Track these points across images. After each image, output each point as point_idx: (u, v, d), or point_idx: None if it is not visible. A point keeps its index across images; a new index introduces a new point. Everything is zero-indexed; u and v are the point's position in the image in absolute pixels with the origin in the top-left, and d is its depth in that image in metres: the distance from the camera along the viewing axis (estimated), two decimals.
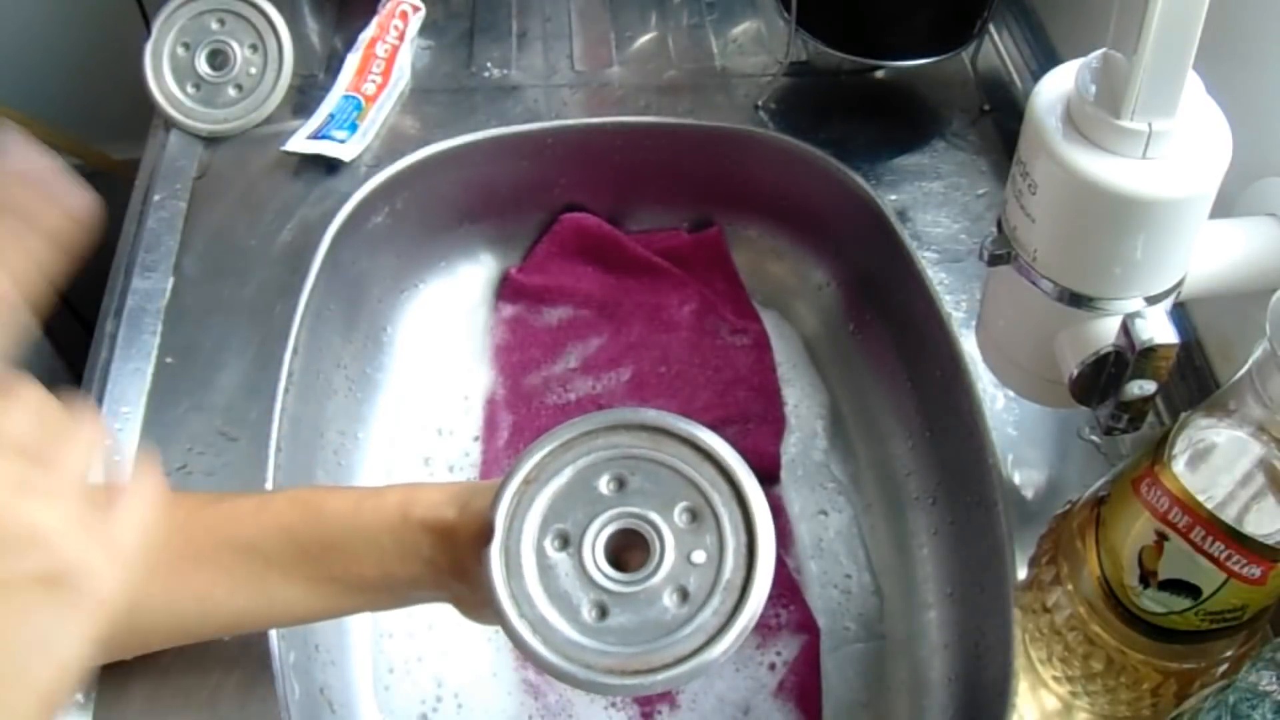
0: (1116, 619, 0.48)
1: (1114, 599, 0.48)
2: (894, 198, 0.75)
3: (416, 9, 0.84)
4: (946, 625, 0.64)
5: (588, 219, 0.82)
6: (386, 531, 0.44)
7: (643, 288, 0.82)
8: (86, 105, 1.07)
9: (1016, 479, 0.62)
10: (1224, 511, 0.44)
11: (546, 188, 0.81)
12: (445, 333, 0.81)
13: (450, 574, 0.44)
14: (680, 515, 0.39)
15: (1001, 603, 0.57)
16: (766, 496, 0.40)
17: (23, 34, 1.04)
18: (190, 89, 0.78)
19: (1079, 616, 0.50)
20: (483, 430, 0.76)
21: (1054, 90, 0.48)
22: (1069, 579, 0.50)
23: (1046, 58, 0.82)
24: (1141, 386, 0.48)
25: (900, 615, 0.67)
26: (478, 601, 0.45)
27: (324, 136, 0.76)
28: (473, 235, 0.82)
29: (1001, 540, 0.58)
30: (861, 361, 0.77)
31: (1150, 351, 0.46)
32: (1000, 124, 0.80)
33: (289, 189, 0.75)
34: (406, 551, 0.44)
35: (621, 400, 0.77)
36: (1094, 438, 0.64)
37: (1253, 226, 0.55)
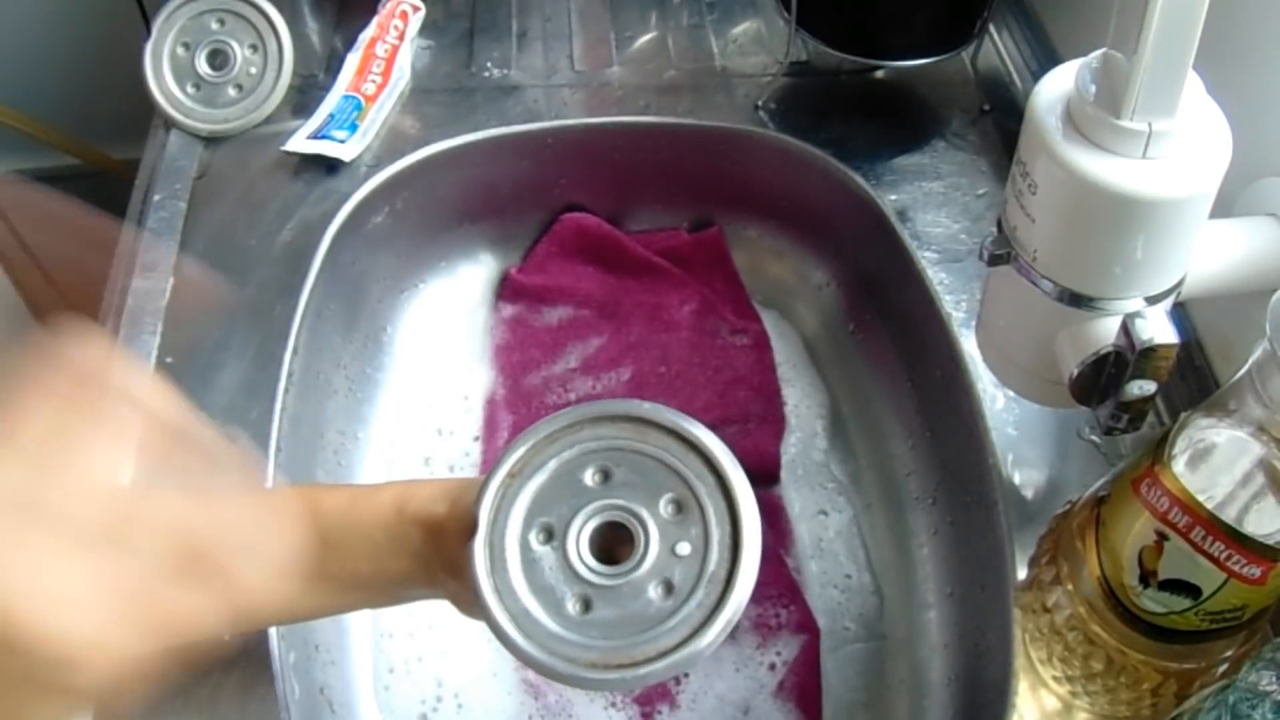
0: (1116, 619, 0.48)
1: (1114, 599, 0.48)
2: (894, 198, 0.75)
3: (416, 9, 0.84)
4: (946, 625, 0.64)
5: (588, 219, 0.82)
6: (381, 528, 0.44)
7: (643, 288, 0.82)
8: (86, 105, 1.07)
9: (1016, 479, 0.62)
10: (1224, 511, 0.44)
11: (546, 188, 0.81)
12: (445, 333, 0.81)
13: (443, 570, 0.44)
14: (665, 507, 0.38)
15: (1001, 603, 0.57)
16: (767, 496, 0.39)
17: (23, 34, 1.04)
18: (190, 89, 0.78)
19: (1079, 616, 0.50)
20: (483, 430, 0.76)
21: (1054, 90, 0.48)
22: (1069, 579, 0.50)
23: (1046, 58, 0.82)
24: (1141, 386, 0.48)
25: (900, 615, 0.67)
26: (471, 598, 0.45)
27: (324, 136, 0.76)
28: (473, 235, 0.82)
29: (1001, 540, 0.58)
30: (861, 361, 0.77)
31: (1150, 351, 0.46)
32: (1000, 124, 0.80)
33: (289, 189, 0.75)
34: (399, 547, 0.44)
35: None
36: (1094, 438, 0.64)
37: (1253, 226, 0.55)
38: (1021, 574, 0.57)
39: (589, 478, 0.39)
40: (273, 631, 0.54)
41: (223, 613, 0.33)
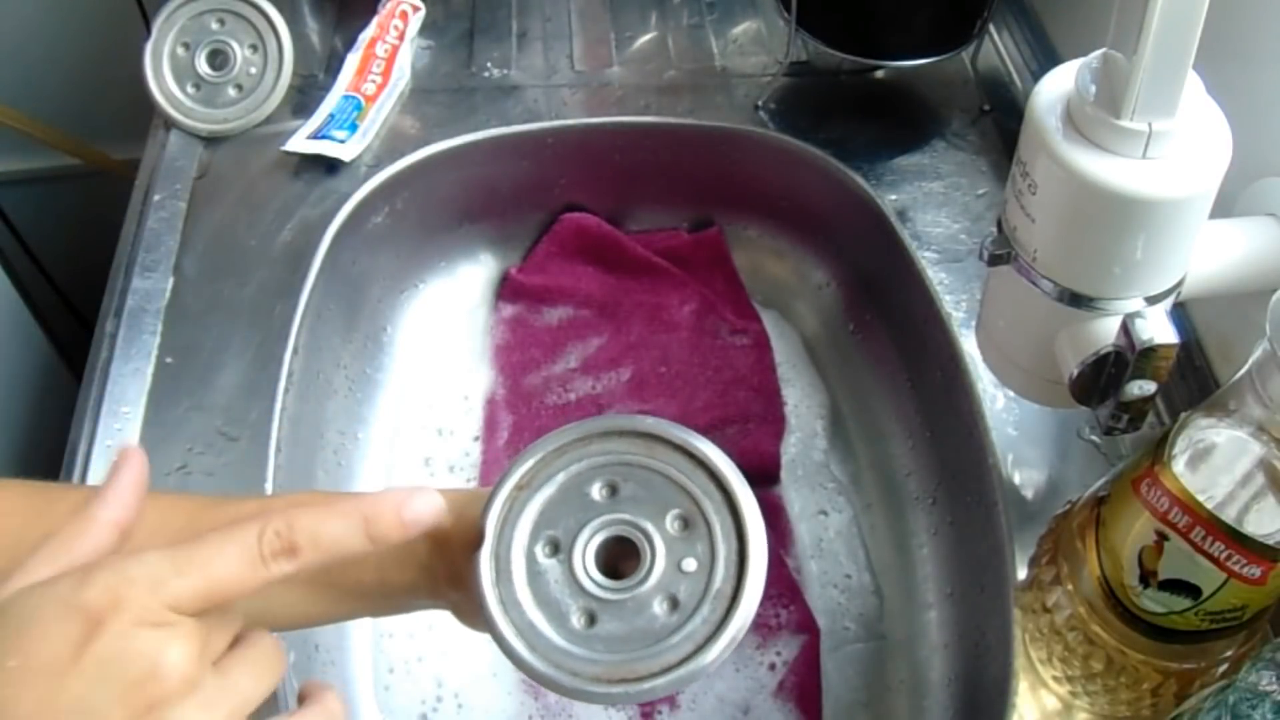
0: (1116, 619, 0.48)
1: (1114, 599, 0.48)
2: (894, 198, 0.75)
3: (416, 9, 0.84)
4: (946, 625, 0.64)
5: (588, 219, 0.82)
6: None
7: (643, 288, 0.82)
8: (86, 105, 1.07)
9: (1016, 479, 0.62)
10: (1224, 511, 0.44)
11: (546, 188, 0.81)
12: (445, 333, 0.81)
13: (446, 581, 0.44)
14: (672, 523, 0.38)
15: (1001, 603, 0.57)
16: (767, 496, 0.39)
17: (23, 34, 1.04)
18: (190, 89, 0.78)
19: (1079, 616, 0.50)
20: (483, 430, 0.76)
21: (1054, 90, 0.48)
22: (1069, 579, 0.50)
23: (1046, 58, 0.82)
24: (1141, 386, 0.48)
25: (900, 615, 0.67)
26: (475, 609, 0.45)
27: (324, 136, 0.76)
28: (473, 235, 0.82)
29: (1001, 540, 0.58)
30: (861, 361, 0.77)
31: (1150, 351, 0.46)
32: (1000, 124, 0.80)
33: (289, 189, 0.75)
34: (404, 558, 0.44)
35: (621, 400, 0.77)
36: (1094, 438, 0.64)
37: (1253, 226, 0.55)
38: (1021, 574, 0.57)
39: (596, 492, 0.39)
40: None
41: None
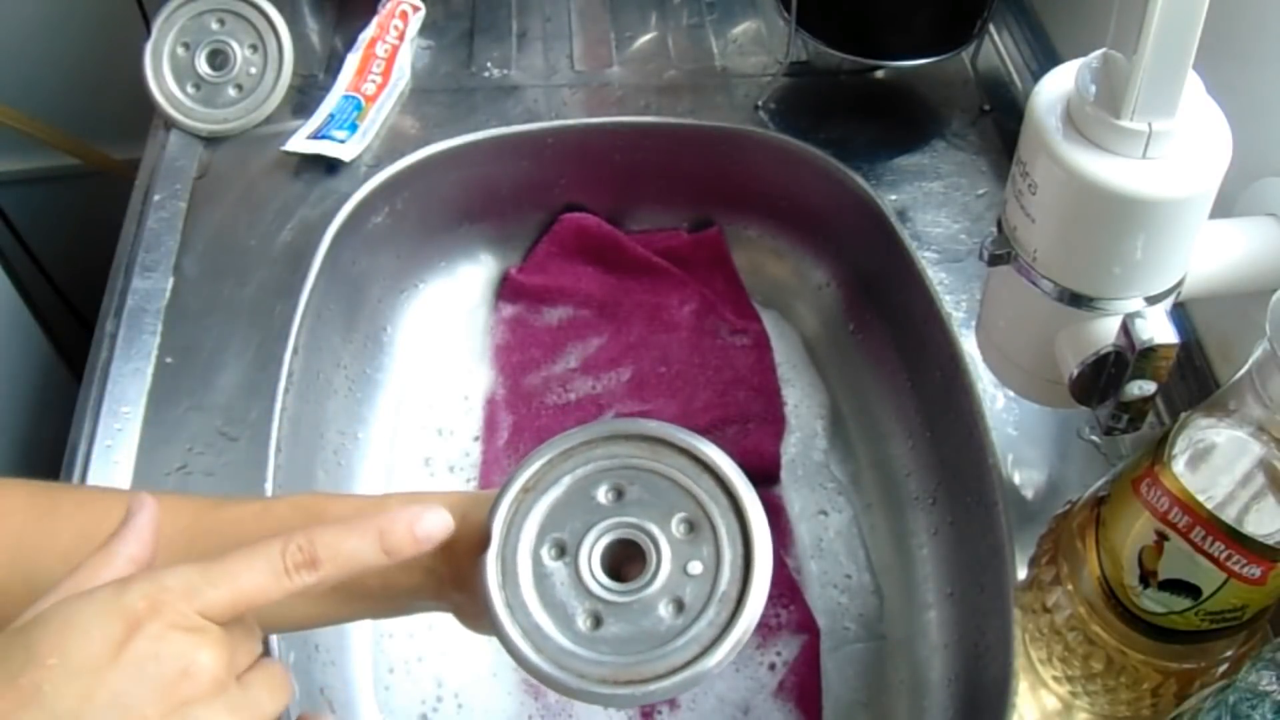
0: (1116, 619, 0.48)
1: (1114, 599, 0.48)
2: (894, 198, 0.75)
3: (416, 9, 0.84)
4: (946, 625, 0.64)
5: (588, 219, 0.82)
6: None
7: (643, 288, 0.82)
8: (86, 105, 1.07)
9: (1016, 479, 0.62)
10: (1224, 511, 0.44)
11: (546, 188, 0.81)
12: (445, 333, 0.81)
13: (450, 584, 0.44)
14: (678, 526, 0.39)
15: (1001, 603, 0.57)
16: (767, 496, 0.40)
17: (23, 34, 1.04)
18: (190, 89, 0.78)
19: (1079, 616, 0.50)
20: (483, 430, 0.76)
21: (1054, 90, 0.48)
22: (1069, 579, 0.50)
23: (1046, 58, 0.82)
24: (1141, 386, 0.48)
25: (900, 615, 0.67)
26: (477, 611, 0.45)
27: (324, 136, 0.76)
28: (473, 235, 0.82)
29: (1001, 540, 0.58)
30: (861, 361, 0.77)
31: (1150, 351, 0.46)
32: (1000, 124, 0.80)
33: (289, 189, 0.75)
34: (408, 561, 0.44)
35: (621, 400, 0.77)
36: (1094, 438, 0.64)
37: (1253, 226, 0.55)
38: (1021, 574, 0.57)
39: (602, 495, 0.40)
40: None
41: None
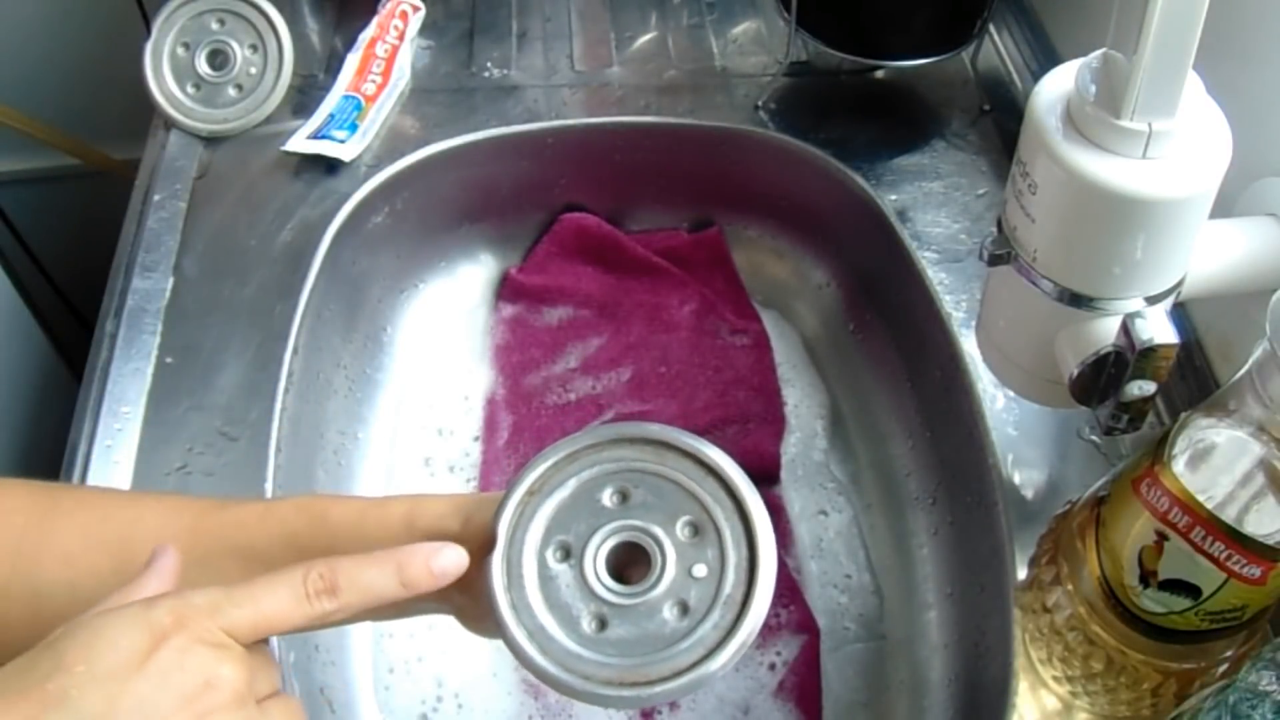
0: (1116, 619, 0.48)
1: (1114, 599, 0.48)
2: (894, 198, 0.75)
3: (416, 9, 0.84)
4: (946, 625, 0.64)
5: (588, 219, 0.82)
6: (390, 542, 0.44)
7: (643, 288, 0.82)
8: (86, 105, 1.07)
9: (1016, 479, 0.62)
10: (1224, 511, 0.44)
11: (546, 188, 0.81)
12: (445, 333, 0.81)
13: (453, 586, 0.44)
14: (682, 529, 0.39)
15: (1001, 603, 0.57)
16: (766, 496, 0.40)
17: (23, 34, 1.04)
18: (190, 89, 0.78)
19: (1079, 616, 0.50)
20: (483, 430, 0.76)
21: (1054, 90, 0.48)
22: (1069, 579, 0.50)
23: (1046, 58, 0.82)
24: (1141, 386, 0.48)
25: (900, 615, 0.67)
26: (479, 613, 0.45)
27: (324, 136, 0.76)
28: (473, 235, 0.82)
29: (1001, 540, 0.58)
30: (861, 361, 0.77)
31: (1150, 351, 0.46)
32: (1000, 124, 0.80)
33: (289, 189, 0.75)
34: None
35: (621, 400, 0.77)
36: (1094, 438, 0.64)
37: (1253, 226, 0.55)
38: (1021, 574, 0.57)
39: (607, 498, 0.40)
40: None
41: None
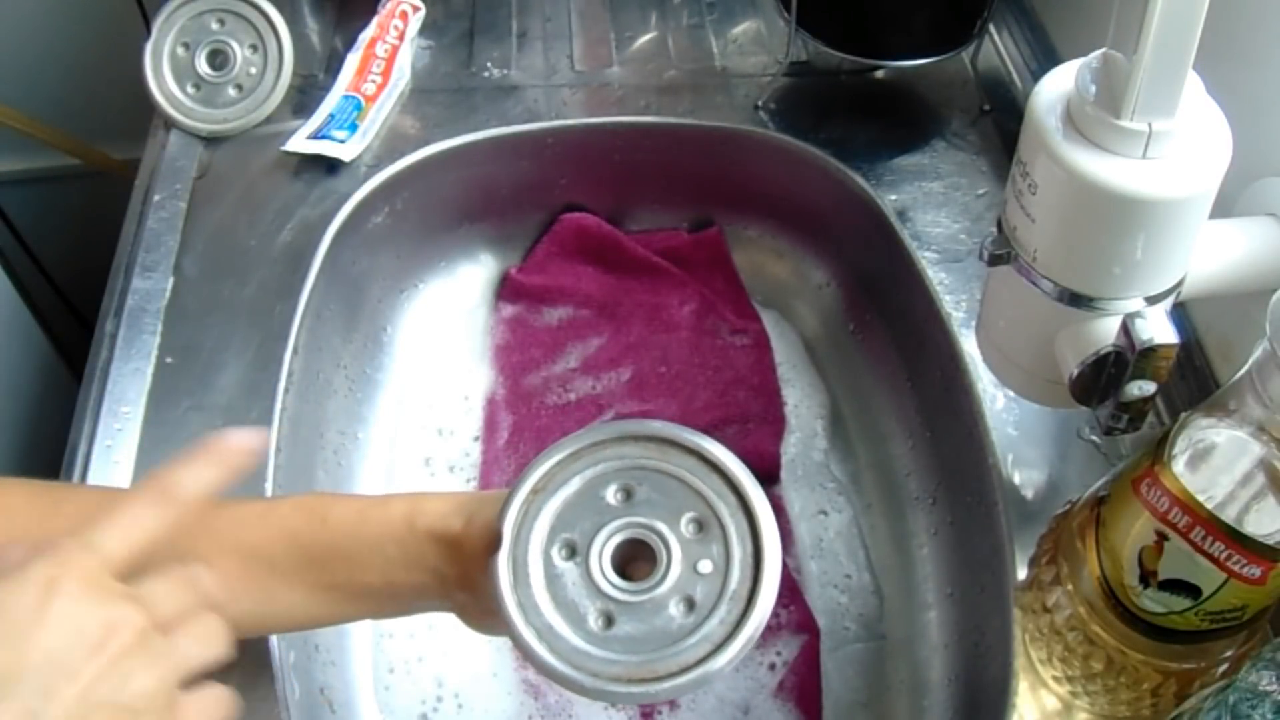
0: (1116, 619, 0.48)
1: (1114, 599, 0.48)
2: (894, 198, 0.75)
3: (416, 9, 0.84)
4: (946, 625, 0.64)
5: (588, 219, 0.82)
6: (392, 540, 0.44)
7: (643, 288, 0.82)
8: (86, 105, 1.07)
9: (1016, 479, 0.62)
10: (1224, 511, 0.44)
11: (546, 188, 0.81)
12: (445, 333, 0.81)
13: (456, 584, 0.44)
14: (687, 526, 0.39)
15: (1001, 603, 0.57)
16: (766, 497, 0.40)
17: (23, 34, 1.04)
18: (190, 89, 0.78)
19: (1079, 616, 0.50)
20: (483, 430, 0.76)
21: (1054, 90, 0.48)
22: (1069, 579, 0.50)
23: (1046, 58, 0.82)
24: (1141, 387, 0.48)
25: (900, 615, 0.67)
26: (481, 611, 0.45)
27: (324, 136, 0.76)
28: (473, 235, 0.82)
29: (1001, 540, 0.58)
30: (861, 361, 0.77)
31: (1150, 351, 0.46)
32: (1000, 124, 0.80)
33: (289, 189, 0.75)
34: (412, 561, 0.44)
35: (621, 400, 0.77)
36: (1094, 438, 0.64)
37: (1253, 226, 0.55)
38: (1021, 574, 0.57)
39: (611, 496, 0.40)
40: None
41: None
